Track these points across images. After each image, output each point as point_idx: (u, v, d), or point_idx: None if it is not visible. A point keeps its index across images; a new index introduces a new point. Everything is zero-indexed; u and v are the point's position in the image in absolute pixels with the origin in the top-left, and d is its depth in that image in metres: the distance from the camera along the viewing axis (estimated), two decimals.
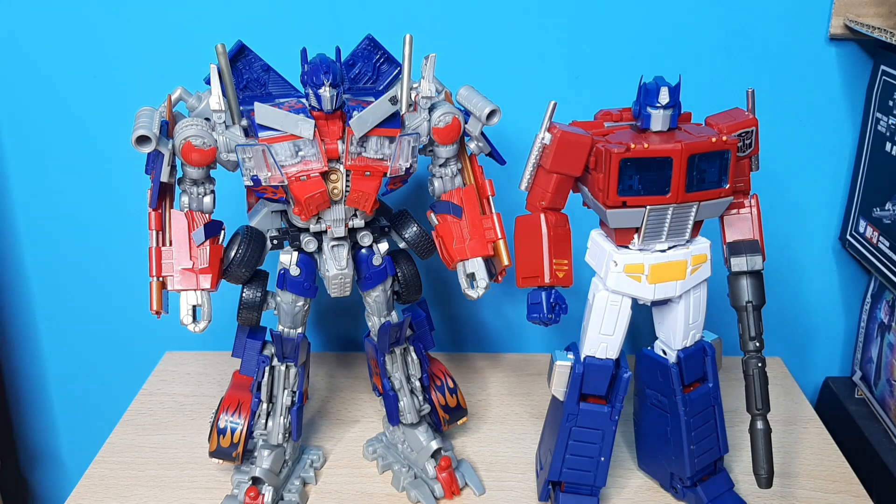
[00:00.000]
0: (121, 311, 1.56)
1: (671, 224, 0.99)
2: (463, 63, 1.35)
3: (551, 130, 0.99)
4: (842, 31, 1.33)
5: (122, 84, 1.39)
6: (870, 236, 1.37)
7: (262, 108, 0.97)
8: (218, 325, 1.12)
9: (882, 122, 1.33)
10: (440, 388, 1.21)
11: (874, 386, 1.44)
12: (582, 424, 1.08)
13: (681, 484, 1.14)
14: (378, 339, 1.15)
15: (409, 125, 1.04)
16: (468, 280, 1.09)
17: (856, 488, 1.19)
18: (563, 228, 1.02)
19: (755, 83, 1.13)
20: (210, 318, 1.03)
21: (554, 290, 1.02)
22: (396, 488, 1.19)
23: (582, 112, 1.08)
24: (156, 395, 1.43)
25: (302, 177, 0.99)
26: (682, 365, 1.07)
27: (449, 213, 1.09)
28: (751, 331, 1.04)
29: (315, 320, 1.57)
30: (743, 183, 1.04)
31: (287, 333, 1.12)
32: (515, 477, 1.22)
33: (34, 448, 1.71)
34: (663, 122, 0.96)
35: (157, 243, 1.01)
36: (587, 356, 1.05)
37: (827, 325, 1.56)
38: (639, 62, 1.36)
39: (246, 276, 1.09)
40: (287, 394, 1.14)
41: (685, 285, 1.03)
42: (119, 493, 1.19)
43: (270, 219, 1.11)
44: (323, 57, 0.98)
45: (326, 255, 1.07)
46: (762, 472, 1.05)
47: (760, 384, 1.04)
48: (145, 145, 0.96)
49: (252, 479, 1.14)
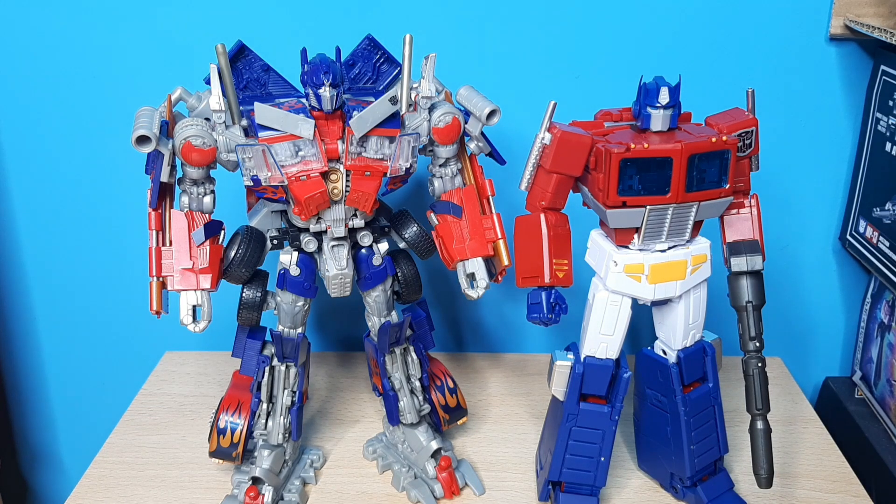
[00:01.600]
0: (121, 311, 1.56)
1: (671, 224, 0.99)
2: (463, 63, 1.35)
3: (551, 130, 0.99)
4: (842, 30, 1.33)
5: (121, 84, 1.39)
6: (870, 236, 1.37)
7: (262, 108, 0.97)
8: (218, 325, 1.12)
9: (882, 122, 1.33)
10: (440, 388, 1.21)
11: (874, 386, 1.44)
12: (582, 424, 1.08)
13: (681, 484, 1.14)
14: (378, 339, 1.15)
15: (409, 125, 1.04)
16: (468, 280, 1.09)
17: (856, 488, 1.19)
18: (563, 228, 1.02)
19: (755, 83, 1.13)
20: (210, 318, 1.03)
21: (554, 290, 1.02)
22: (396, 488, 1.19)
23: (582, 112, 1.08)
24: (156, 395, 1.43)
25: (302, 177, 0.99)
26: (682, 365, 1.07)
27: (449, 213, 1.09)
28: (751, 331, 1.04)
29: (315, 320, 1.57)
30: (743, 183, 1.04)
31: (287, 333, 1.12)
32: (515, 477, 1.22)
33: (34, 448, 1.71)
34: (663, 122, 0.96)
35: (158, 243, 1.01)
36: (587, 356, 1.05)
37: (827, 325, 1.56)
38: (639, 62, 1.36)
39: (246, 276, 1.09)
40: (287, 394, 1.14)
41: (685, 285, 1.03)
42: (119, 493, 1.19)
43: (270, 219, 1.11)
44: (323, 57, 0.98)
45: (326, 255, 1.07)
46: (762, 472, 1.05)
47: (760, 384, 1.04)
48: (145, 145, 0.96)
49: (252, 479, 1.14)
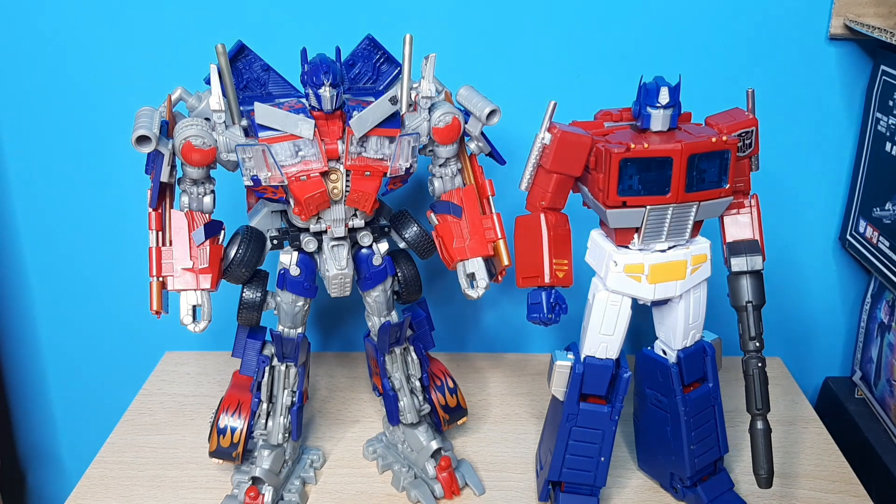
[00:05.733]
0: (121, 312, 1.56)
1: (671, 224, 0.99)
2: (463, 63, 1.35)
3: (551, 130, 0.99)
4: (842, 31, 1.33)
5: (121, 84, 1.39)
6: (870, 236, 1.37)
7: (262, 108, 0.97)
8: (218, 325, 1.12)
9: (882, 122, 1.33)
10: (440, 388, 1.21)
11: (874, 386, 1.44)
12: (582, 424, 1.08)
13: (681, 484, 1.14)
14: (378, 339, 1.15)
15: (409, 125, 1.04)
16: (468, 280, 1.09)
17: (856, 488, 1.19)
18: (563, 228, 1.02)
19: (755, 83, 1.13)
20: (210, 318, 1.03)
21: (554, 290, 1.02)
22: (396, 488, 1.19)
23: (582, 112, 1.08)
24: (156, 395, 1.43)
25: (302, 177, 0.99)
26: (682, 365, 1.07)
27: (449, 213, 1.09)
28: (751, 331, 1.04)
29: (315, 320, 1.57)
30: (743, 183, 1.04)
31: (287, 333, 1.12)
32: (515, 477, 1.22)
33: (34, 448, 1.71)
34: (663, 122, 0.96)
35: (158, 243, 1.01)
36: (587, 356, 1.05)
37: (827, 325, 1.56)
38: (639, 62, 1.36)
39: (246, 276, 1.09)
40: (287, 394, 1.14)
41: (685, 285, 1.03)
42: (119, 493, 1.19)
43: (270, 219, 1.11)
44: (323, 57, 0.98)
45: (326, 255, 1.07)
46: (762, 472, 1.05)
47: (760, 384, 1.04)
48: (145, 145, 0.96)
49: (252, 479, 1.14)
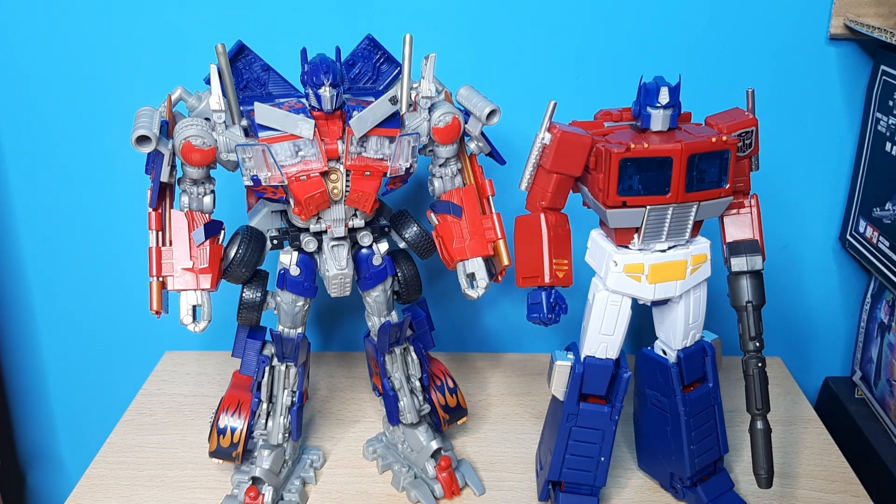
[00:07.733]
0: (121, 311, 1.56)
1: (671, 224, 0.99)
2: (463, 63, 1.35)
3: (551, 130, 0.99)
4: (842, 31, 1.33)
5: (121, 84, 1.39)
6: (870, 236, 1.37)
7: (262, 108, 0.97)
8: (218, 325, 1.12)
9: (882, 122, 1.33)
10: (440, 388, 1.21)
11: (874, 386, 1.44)
12: (582, 424, 1.08)
13: (681, 484, 1.14)
14: (378, 339, 1.15)
15: (409, 125, 1.04)
16: (468, 280, 1.09)
17: (856, 488, 1.19)
18: (563, 228, 1.02)
19: (755, 83, 1.13)
20: (210, 318, 1.03)
21: (554, 290, 1.02)
22: (396, 488, 1.19)
23: (582, 112, 1.08)
24: (156, 395, 1.43)
25: (302, 177, 0.99)
26: (682, 365, 1.07)
27: (449, 213, 1.09)
28: (751, 331, 1.04)
29: (315, 320, 1.57)
30: (743, 183, 1.04)
31: (287, 333, 1.12)
32: (515, 477, 1.22)
33: (34, 448, 1.71)
34: (663, 122, 0.96)
35: (158, 243, 1.01)
36: (587, 356, 1.05)
37: (827, 325, 1.56)
38: (639, 62, 1.36)
39: (246, 276, 1.09)
40: (287, 394, 1.14)
41: (685, 285, 1.03)
42: (119, 493, 1.19)
43: (270, 219, 1.11)
44: (323, 57, 0.98)
45: (326, 255, 1.07)
46: (762, 472, 1.05)
47: (760, 384, 1.04)
48: (145, 145, 0.96)
49: (252, 479, 1.14)
